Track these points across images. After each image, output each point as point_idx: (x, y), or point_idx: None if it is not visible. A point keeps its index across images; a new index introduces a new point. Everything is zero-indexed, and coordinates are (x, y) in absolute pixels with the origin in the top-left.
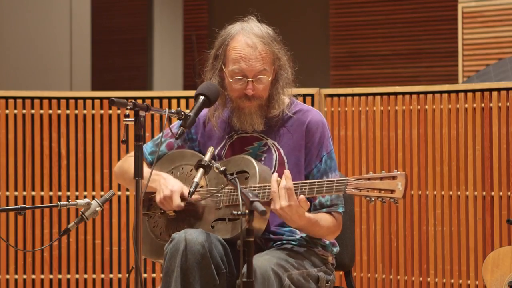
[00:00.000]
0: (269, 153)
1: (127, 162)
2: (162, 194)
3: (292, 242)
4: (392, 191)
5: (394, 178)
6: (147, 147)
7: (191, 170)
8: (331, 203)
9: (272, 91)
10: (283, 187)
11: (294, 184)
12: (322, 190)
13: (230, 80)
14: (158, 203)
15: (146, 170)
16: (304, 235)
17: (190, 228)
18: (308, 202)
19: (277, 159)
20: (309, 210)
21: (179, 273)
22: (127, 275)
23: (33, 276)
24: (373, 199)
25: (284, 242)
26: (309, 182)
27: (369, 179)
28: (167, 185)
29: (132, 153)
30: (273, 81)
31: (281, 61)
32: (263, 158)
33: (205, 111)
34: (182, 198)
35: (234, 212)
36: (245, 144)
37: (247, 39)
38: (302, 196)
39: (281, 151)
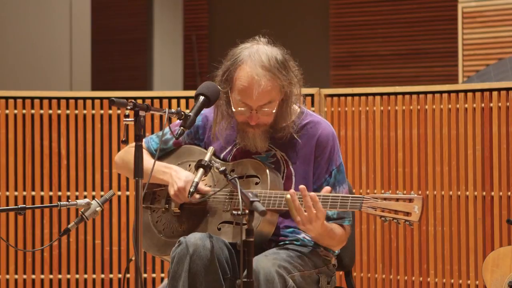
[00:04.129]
0: (277, 164)
1: (130, 153)
2: (176, 186)
3: (296, 242)
4: (408, 213)
5: (411, 200)
6: (152, 143)
7: (195, 170)
8: (337, 217)
9: (280, 111)
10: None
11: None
12: (336, 206)
13: (234, 110)
14: (173, 196)
15: (150, 161)
16: (307, 235)
17: (197, 232)
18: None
19: (285, 171)
20: None
21: (186, 278)
22: (126, 269)
23: (33, 276)
24: (387, 219)
25: (287, 242)
26: (323, 196)
27: (385, 199)
28: (180, 177)
29: (133, 144)
30: (280, 103)
31: (290, 85)
32: None
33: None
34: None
35: (234, 212)
36: (253, 152)
37: (253, 71)
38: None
39: (290, 163)
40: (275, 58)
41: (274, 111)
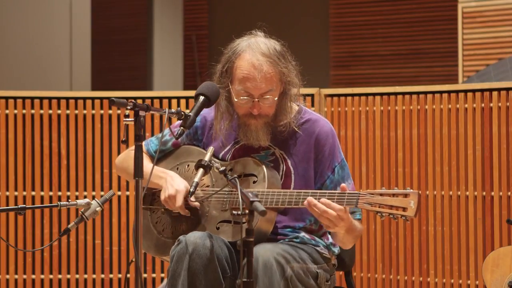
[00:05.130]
0: (276, 163)
1: (130, 155)
2: (166, 193)
3: (295, 240)
4: (404, 209)
5: (406, 195)
6: (152, 145)
7: (195, 170)
8: (351, 211)
9: (280, 105)
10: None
11: (304, 192)
12: (333, 202)
13: (236, 100)
14: (163, 201)
15: (149, 166)
16: (306, 234)
17: (196, 231)
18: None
19: (284, 169)
20: None
21: (186, 277)
22: (127, 271)
23: (33, 276)
24: (384, 215)
25: (287, 240)
26: (320, 193)
27: (381, 194)
28: (173, 184)
29: (133, 148)
30: (280, 95)
31: (289, 77)
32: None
33: (214, 113)
34: (186, 199)
35: (234, 212)
36: (251, 151)
37: (253, 58)
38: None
39: (288, 162)
40: (274, 48)
41: (276, 98)
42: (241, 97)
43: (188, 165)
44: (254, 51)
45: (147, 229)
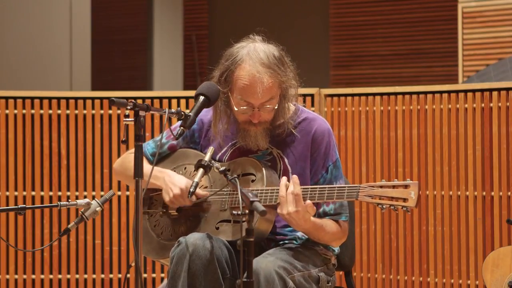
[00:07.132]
0: (274, 162)
1: (128, 159)
2: (172, 193)
3: (294, 242)
4: (405, 199)
5: (407, 186)
6: (149, 148)
7: (195, 170)
8: (334, 212)
9: (278, 109)
10: (291, 193)
11: (303, 189)
12: (333, 196)
13: (236, 109)
14: (168, 202)
15: (147, 167)
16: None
17: (196, 232)
18: (315, 208)
19: (282, 168)
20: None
21: (186, 278)
22: (127, 272)
23: (33, 276)
24: (385, 206)
25: (286, 241)
26: (319, 188)
27: (381, 186)
28: (175, 183)
29: (131, 150)
30: (279, 100)
31: (288, 82)
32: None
33: (211, 115)
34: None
35: (234, 212)
36: (249, 151)
37: (253, 70)
38: (309, 201)
39: (286, 160)
40: (273, 55)
41: (276, 107)
42: (241, 107)
43: (185, 168)
44: (254, 61)
45: (146, 233)
